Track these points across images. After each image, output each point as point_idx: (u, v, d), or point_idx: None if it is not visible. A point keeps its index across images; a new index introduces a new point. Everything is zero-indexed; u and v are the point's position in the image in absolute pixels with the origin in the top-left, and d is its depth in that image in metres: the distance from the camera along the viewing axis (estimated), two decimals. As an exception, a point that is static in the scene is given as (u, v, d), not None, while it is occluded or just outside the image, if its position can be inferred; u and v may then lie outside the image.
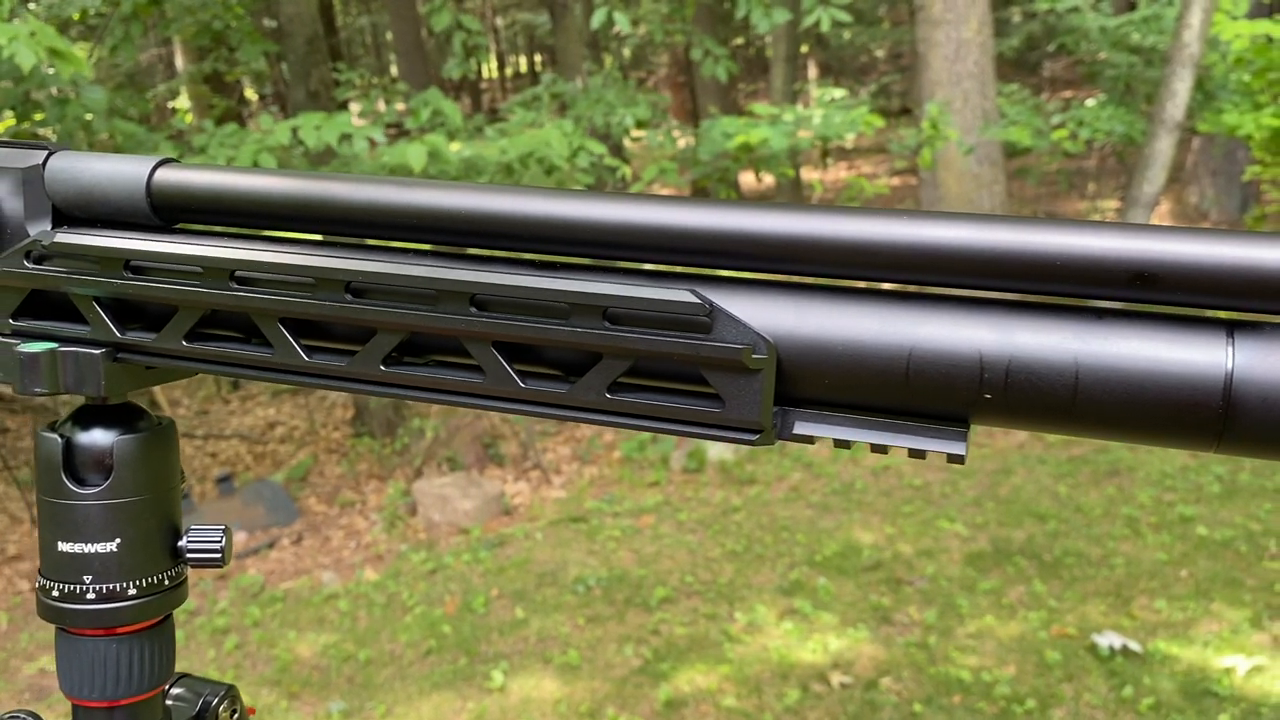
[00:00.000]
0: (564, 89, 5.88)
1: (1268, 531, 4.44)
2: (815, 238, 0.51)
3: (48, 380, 0.64)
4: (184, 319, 0.63)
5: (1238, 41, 6.01)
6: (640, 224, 0.54)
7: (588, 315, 0.53)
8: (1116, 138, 6.94)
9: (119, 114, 4.69)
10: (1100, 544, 4.42)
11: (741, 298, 0.53)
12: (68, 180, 0.65)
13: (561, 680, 3.62)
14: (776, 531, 4.75)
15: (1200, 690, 3.32)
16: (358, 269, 0.57)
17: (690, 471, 5.60)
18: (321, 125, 4.54)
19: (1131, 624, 3.75)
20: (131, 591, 0.65)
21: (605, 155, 4.89)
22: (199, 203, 0.63)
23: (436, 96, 5.15)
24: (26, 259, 0.64)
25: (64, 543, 0.65)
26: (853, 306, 0.51)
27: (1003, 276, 0.49)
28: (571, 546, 4.78)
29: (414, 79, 9.16)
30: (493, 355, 0.56)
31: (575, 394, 0.55)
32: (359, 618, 4.24)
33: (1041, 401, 0.48)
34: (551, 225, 0.55)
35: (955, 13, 6.30)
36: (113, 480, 0.65)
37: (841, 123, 5.43)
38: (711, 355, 0.51)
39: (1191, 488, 4.93)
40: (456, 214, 0.57)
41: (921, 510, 4.89)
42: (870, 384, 0.51)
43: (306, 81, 5.92)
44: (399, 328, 0.58)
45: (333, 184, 0.60)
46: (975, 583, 4.14)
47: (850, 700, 3.38)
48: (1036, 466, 5.35)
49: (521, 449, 6.13)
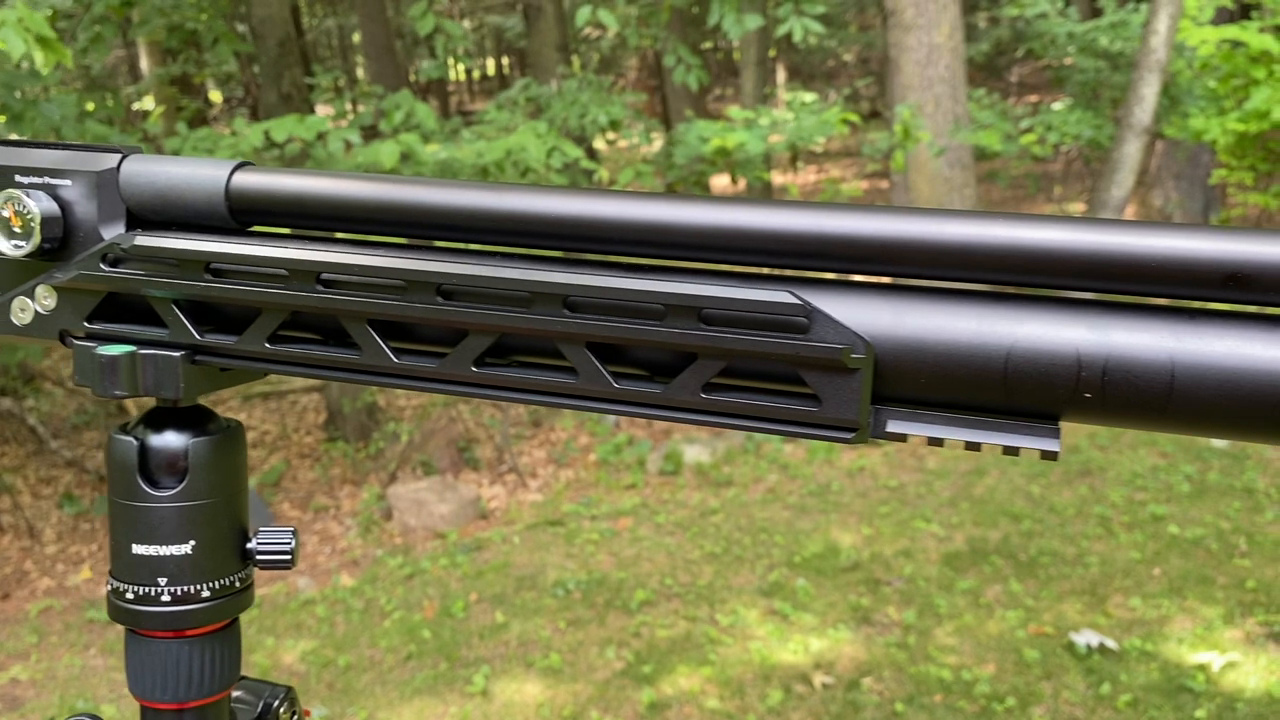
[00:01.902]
0: (539, 91, 5.87)
1: (1237, 530, 4.51)
2: (913, 240, 0.52)
3: (127, 383, 0.64)
4: (268, 321, 0.63)
5: (1203, 47, 6.11)
6: (735, 227, 0.55)
7: (684, 316, 0.54)
8: (1084, 141, 7.03)
9: (89, 116, 4.64)
10: (1074, 543, 4.47)
11: (837, 298, 0.53)
12: (143, 184, 0.65)
13: (544, 684, 3.61)
14: (755, 533, 4.77)
15: (1176, 686, 3.37)
16: (450, 271, 0.58)
17: (667, 474, 5.60)
18: (297, 126, 4.51)
19: (1107, 622, 3.80)
20: (205, 594, 0.66)
21: (582, 158, 4.89)
22: (280, 206, 0.63)
23: (409, 99, 5.12)
24: (103, 262, 0.64)
25: (139, 545, 0.65)
26: (951, 307, 0.52)
27: (1098, 278, 0.50)
28: (550, 550, 4.77)
29: (384, 81, 9.11)
30: (586, 356, 0.57)
31: (670, 394, 0.55)
32: (336, 623, 4.21)
33: (1137, 400, 0.49)
34: (644, 229, 0.56)
35: (927, 18, 6.36)
36: (188, 482, 0.65)
37: (815, 125, 5.46)
38: (811, 355, 0.52)
39: (1162, 487, 5.00)
40: (546, 218, 0.58)
41: (897, 511, 4.92)
42: (967, 383, 0.51)
43: (279, 84, 5.88)
44: (491, 329, 0.58)
45: (419, 188, 0.61)
46: (953, 582, 4.17)
47: (833, 700, 3.40)
48: (1009, 467, 5.40)
49: (497, 452, 6.11)
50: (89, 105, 4.73)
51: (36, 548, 5.28)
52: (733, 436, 5.99)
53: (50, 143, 0.67)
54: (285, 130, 4.54)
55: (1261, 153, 6.22)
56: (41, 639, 4.32)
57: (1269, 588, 3.98)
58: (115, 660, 4.11)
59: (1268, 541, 4.38)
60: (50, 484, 5.94)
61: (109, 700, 3.79)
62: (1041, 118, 7.27)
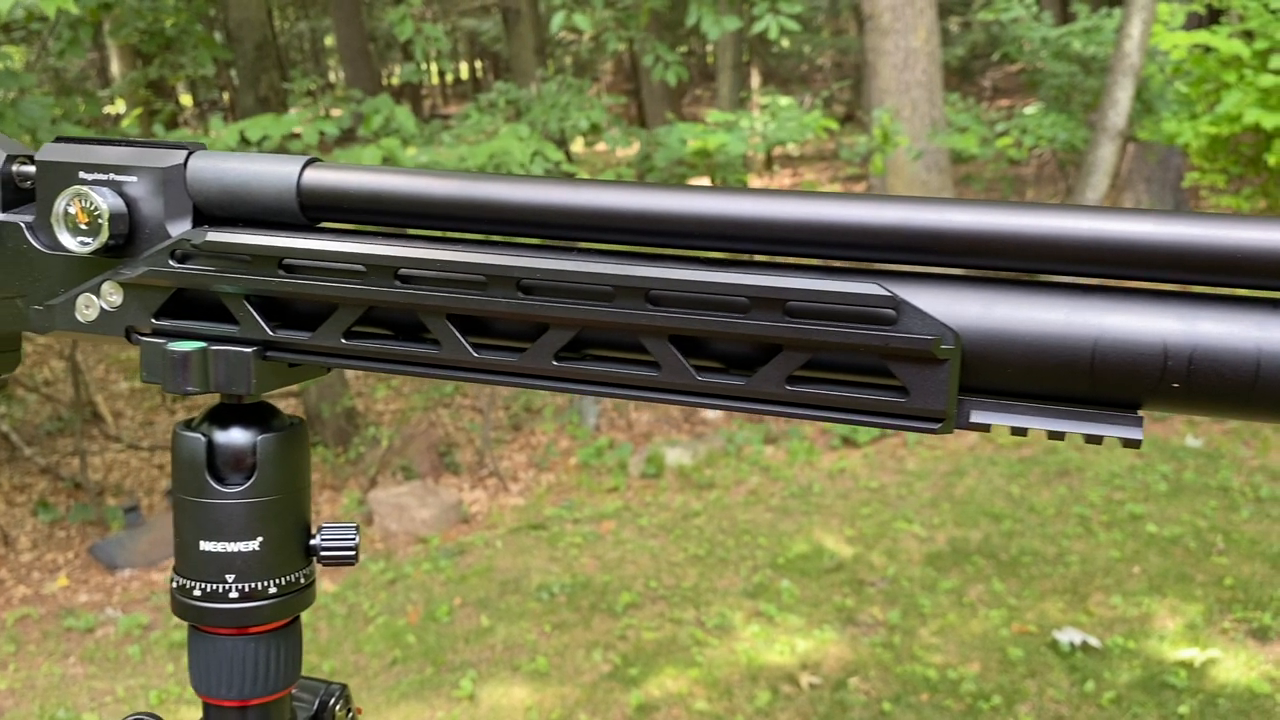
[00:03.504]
0: (519, 95, 5.87)
1: (1214, 528, 4.56)
2: (1003, 233, 0.52)
3: (198, 379, 0.63)
4: (344, 316, 0.63)
5: (1175, 52, 6.18)
6: (822, 221, 0.55)
7: (769, 309, 0.54)
8: (1060, 144, 7.10)
9: (65, 119, 4.59)
10: (1054, 542, 4.51)
11: (923, 290, 0.54)
12: (211, 179, 0.65)
13: (531, 687, 3.60)
14: (738, 535, 4.78)
15: (1159, 683, 3.40)
16: (533, 266, 0.58)
17: (649, 477, 5.61)
18: (272, 125, 4.49)
19: (1089, 620, 3.83)
20: (272, 590, 0.66)
21: (564, 162, 4.89)
22: (352, 202, 0.63)
23: (388, 103, 5.11)
24: (172, 258, 0.64)
25: (206, 542, 0.65)
26: (1038, 298, 0.53)
27: (1185, 270, 0.51)
28: (533, 554, 4.76)
29: (360, 84, 9.08)
30: (669, 349, 0.57)
31: (754, 386, 0.56)
32: (320, 629, 4.19)
33: (1223, 388, 0.50)
34: (728, 223, 0.56)
35: (904, 22, 6.40)
36: (256, 478, 0.65)
37: (795, 128, 5.49)
38: (901, 346, 0.53)
39: (1139, 486, 5.05)
40: (626, 213, 0.58)
41: (879, 512, 4.95)
42: (1053, 373, 0.52)
43: (256, 87, 5.84)
44: (573, 323, 0.58)
45: (495, 184, 0.61)
46: (936, 582, 4.20)
47: (820, 701, 3.41)
48: (988, 468, 5.44)
49: (477, 456, 6.10)
50: (58, 110, 4.68)
51: (11, 556, 5.22)
52: (713, 439, 6.01)
53: (113, 139, 0.66)
54: (260, 129, 4.52)
55: (1233, 156, 6.30)
56: (19, 648, 4.27)
57: (1246, 585, 4.03)
58: (95, 668, 4.07)
59: (1244, 539, 4.43)
60: (24, 491, 5.87)
61: (90, 709, 3.75)
62: (1017, 121, 7.34)
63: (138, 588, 4.88)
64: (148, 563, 5.09)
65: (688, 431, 6.30)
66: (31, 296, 0.67)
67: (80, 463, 5.82)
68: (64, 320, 0.67)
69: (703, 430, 6.27)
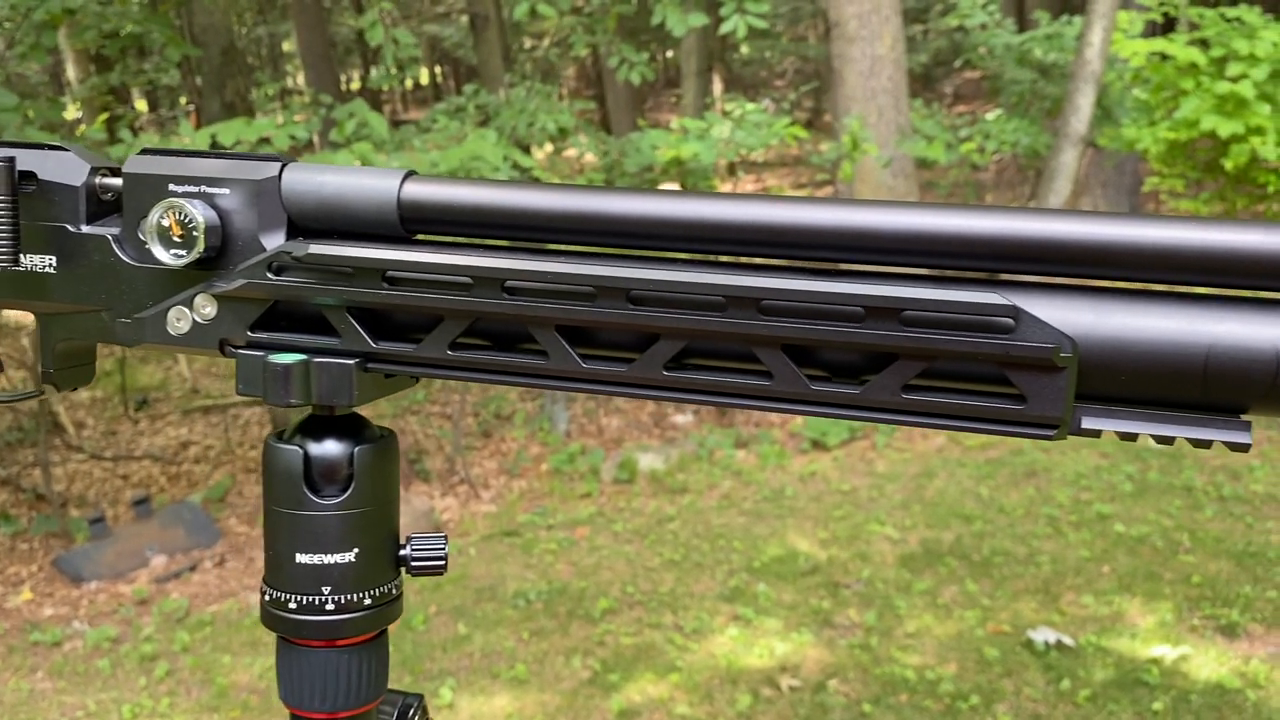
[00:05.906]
0: (488, 100, 5.86)
1: (1180, 527, 4.64)
2: (1118, 244, 0.54)
3: (300, 391, 0.63)
4: (450, 328, 0.63)
5: (1135, 59, 6.29)
6: (936, 231, 0.56)
7: (884, 318, 0.55)
8: (1022, 149, 7.20)
9: (30, 124, 4.52)
10: (1025, 543, 4.57)
11: (1039, 299, 0.55)
12: (306, 192, 0.64)
13: (511, 695, 3.59)
14: (713, 539, 4.79)
15: (1133, 680, 3.46)
16: (643, 277, 0.58)
17: (622, 482, 5.61)
18: (245, 130, 4.45)
19: (1062, 619, 3.88)
20: (367, 602, 0.65)
21: (535, 167, 4.89)
22: (455, 215, 0.63)
23: (362, 107, 5.08)
24: (269, 270, 0.64)
25: (303, 554, 0.65)
26: (1152, 307, 0.54)
27: None
28: (507, 561, 4.75)
29: (322, 89, 9.01)
30: (782, 359, 0.57)
31: (869, 394, 0.56)
32: (294, 639, 4.15)
33: None
34: (841, 234, 0.57)
35: (870, 29, 6.46)
36: (352, 490, 0.65)
37: (765, 134, 5.52)
38: (1021, 355, 0.54)
39: (1105, 487, 5.13)
40: (733, 225, 0.58)
41: (851, 515, 4.98)
42: (1167, 380, 0.53)
43: (221, 92, 5.79)
44: (684, 333, 0.58)
45: (599, 196, 0.61)
46: (910, 584, 4.23)
47: (801, 703, 3.43)
48: (957, 469, 5.50)
49: (448, 464, 6.07)
50: (29, 112, 4.61)
51: (-27, 569, 5.12)
52: (684, 443, 6.02)
53: (204, 151, 0.66)
54: (233, 134, 4.48)
55: (1191, 161, 6.42)
56: (-15, 663, 4.19)
57: (1214, 583, 4.10)
58: (64, 683, 4.00)
59: (1209, 538, 4.51)
60: (-15, 503, 5.76)
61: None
62: (980, 126, 7.43)
63: (104, 600, 4.80)
64: (114, 574, 5.02)
65: (659, 436, 6.31)
66: (118, 309, 0.67)
67: (43, 474, 5.72)
68: (154, 333, 0.66)
69: (674, 435, 6.28)
